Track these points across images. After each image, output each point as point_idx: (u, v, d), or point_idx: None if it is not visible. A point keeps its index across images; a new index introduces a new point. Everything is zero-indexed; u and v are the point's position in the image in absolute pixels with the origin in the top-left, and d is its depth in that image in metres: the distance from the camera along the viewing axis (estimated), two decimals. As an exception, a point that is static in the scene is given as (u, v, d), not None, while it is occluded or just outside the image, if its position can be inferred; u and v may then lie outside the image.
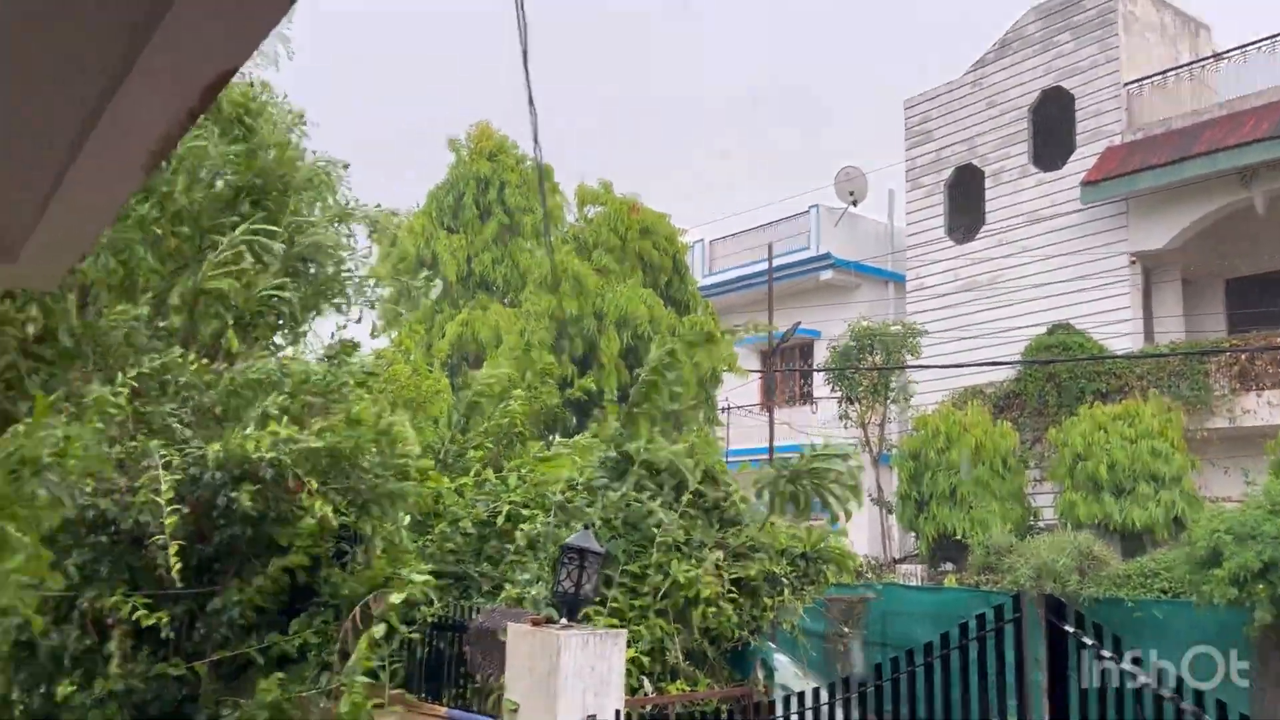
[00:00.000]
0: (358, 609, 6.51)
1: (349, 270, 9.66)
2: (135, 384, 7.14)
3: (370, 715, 6.14)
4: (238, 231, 7.85)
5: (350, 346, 8.90)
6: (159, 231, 7.77)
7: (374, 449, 6.96)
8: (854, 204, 26.70)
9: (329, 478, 6.86)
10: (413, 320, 24.11)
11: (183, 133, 2.66)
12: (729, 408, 23.78)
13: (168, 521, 6.28)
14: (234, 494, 6.41)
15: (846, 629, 10.90)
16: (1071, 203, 20.50)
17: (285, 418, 6.92)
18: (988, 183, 22.59)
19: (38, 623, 4.07)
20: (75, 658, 6.68)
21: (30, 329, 7.17)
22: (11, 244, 3.56)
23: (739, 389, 23.78)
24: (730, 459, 11.50)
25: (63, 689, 6.49)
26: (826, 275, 25.65)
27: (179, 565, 6.21)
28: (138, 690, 6.57)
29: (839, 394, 21.80)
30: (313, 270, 8.96)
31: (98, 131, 2.75)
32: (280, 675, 6.30)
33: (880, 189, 27.82)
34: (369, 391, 8.15)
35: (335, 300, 9.26)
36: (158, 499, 6.33)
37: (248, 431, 6.68)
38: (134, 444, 6.79)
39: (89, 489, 6.48)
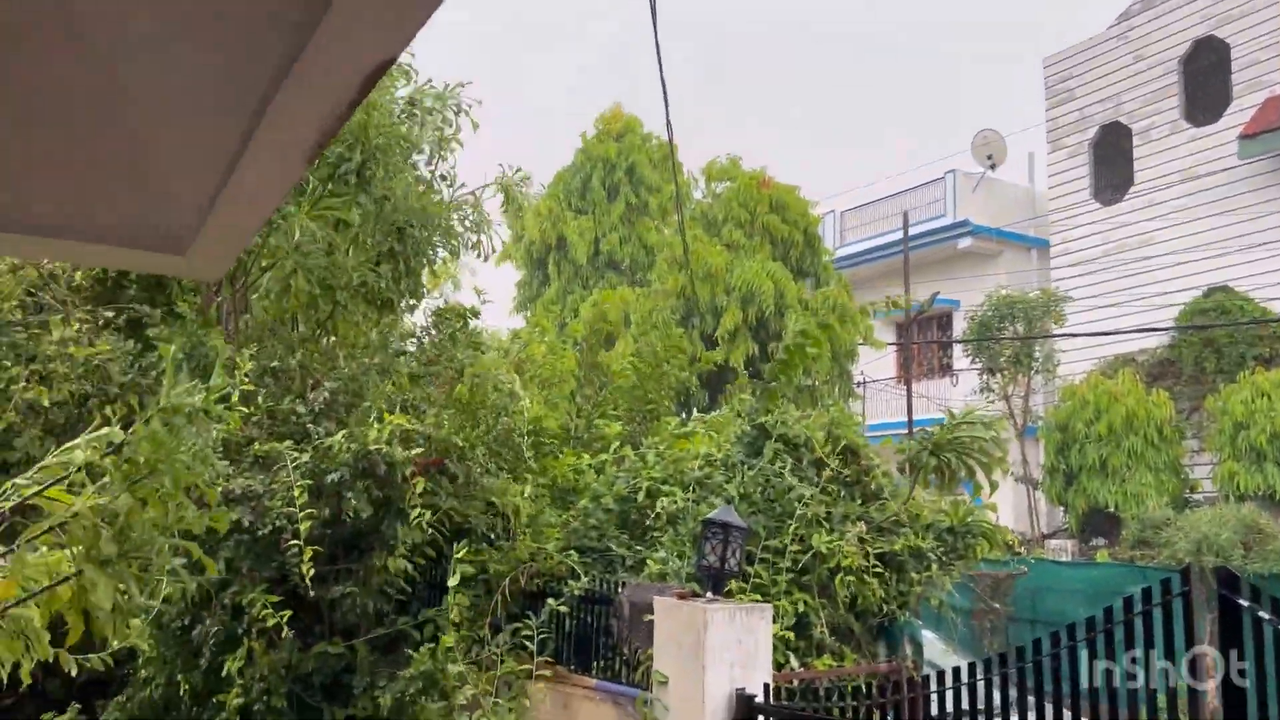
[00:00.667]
0: (505, 583, 6.70)
1: (462, 234, 9.67)
2: (254, 381, 7.37)
3: (522, 686, 6.31)
4: (304, 211, 7.89)
5: (461, 312, 8.99)
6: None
7: (480, 434, 7.03)
8: (992, 168, 25.83)
9: (443, 466, 7.00)
10: (545, 301, 24.51)
11: (341, 124, 2.77)
12: (865, 382, 23.41)
13: (302, 527, 6.52)
14: (349, 493, 6.62)
15: (995, 604, 10.63)
16: (1228, 158, 19.35)
17: (399, 406, 7.09)
18: (1136, 141, 21.53)
19: (211, 566, 4.26)
20: (232, 639, 7.06)
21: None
22: (181, 239, 3.76)
23: (875, 362, 23.36)
24: (869, 434, 11.32)
25: (230, 664, 6.87)
26: (965, 243, 24.90)
27: (311, 571, 6.43)
28: (299, 664, 6.90)
29: (980, 365, 21.20)
30: (415, 237, 8.94)
31: (262, 127, 2.88)
32: (433, 646, 6.52)
33: (1019, 152, 26.85)
34: (479, 354, 8.23)
35: (437, 267, 9.28)
36: (292, 508, 6.56)
37: (370, 422, 6.88)
38: (265, 448, 7.01)
39: (221, 487, 6.77)
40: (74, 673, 4.52)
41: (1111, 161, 22.14)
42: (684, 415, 9.77)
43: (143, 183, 3.54)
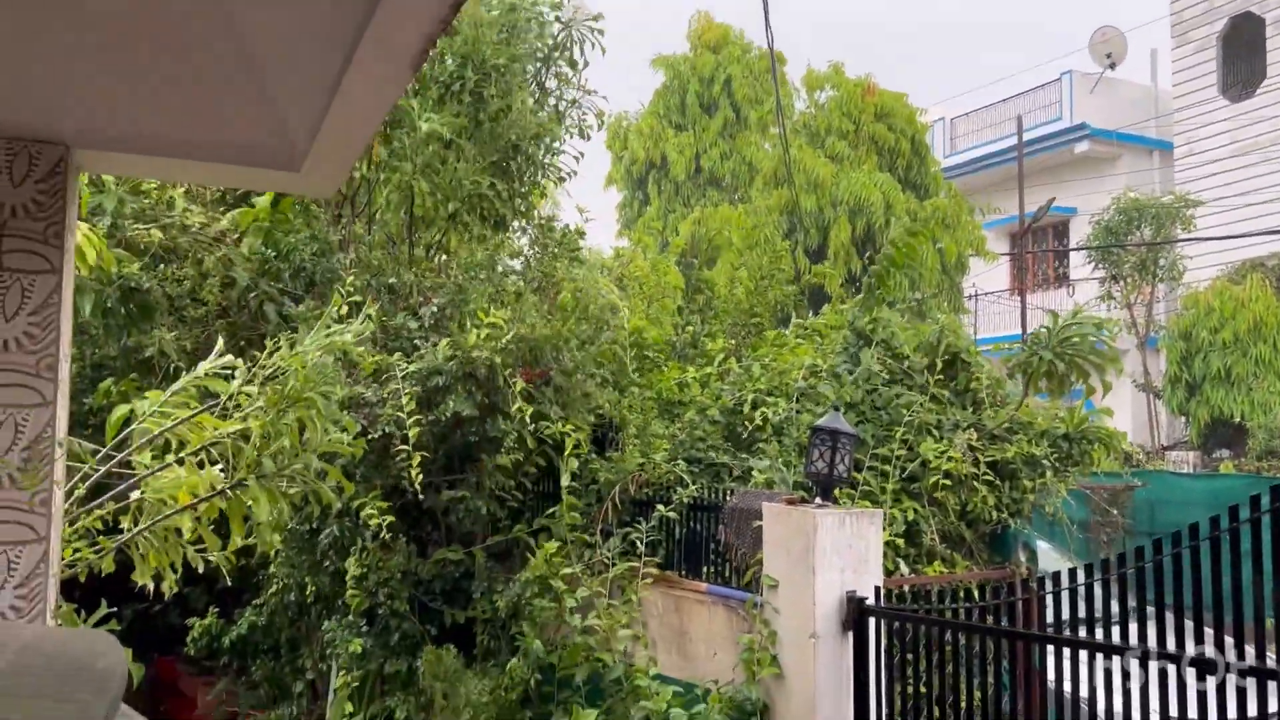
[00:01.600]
0: (615, 491, 6.84)
1: (564, 151, 9.70)
2: (376, 299, 7.64)
3: (635, 589, 6.47)
4: (420, 131, 7.97)
5: (565, 230, 9.05)
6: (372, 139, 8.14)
7: (572, 331, 7.08)
8: (1111, 67, 24.59)
9: (534, 368, 7.09)
10: (646, 220, 24.44)
11: (444, 28, 2.79)
12: (976, 294, 22.84)
13: (411, 433, 6.72)
14: (451, 397, 6.78)
15: (1113, 514, 10.41)
16: (1373, 45, 18.06)
17: (504, 311, 7.20)
18: (1269, 31, 20.20)
19: (349, 486, 4.47)
20: (357, 545, 7.39)
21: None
22: (295, 154, 3.86)
23: (987, 274, 22.75)
24: (981, 347, 11.09)
25: (353, 569, 7.21)
26: (1082, 147, 23.87)
27: (419, 475, 6.64)
28: (419, 570, 7.20)
29: (1100, 274, 20.46)
30: (526, 154, 9.01)
31: (367, 36, 2.92)
32: (550, 553, 6.72)
33: (1140, 49, 25.48)
34: (581, 266, 8.29)
35: (544, 188, 9.37)
36: (400, 413, 6.79)
37: (470, 328, 7.02)
38: (377, 358, 7.27)
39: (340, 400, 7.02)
40: (226, 581, 4.80)
41: (1241, 55, 20.86)
42: (787, 330, 9.71)
43: (254, 100, 3.63)
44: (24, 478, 3.48)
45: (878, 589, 5.33)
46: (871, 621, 5.24)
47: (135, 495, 4.12)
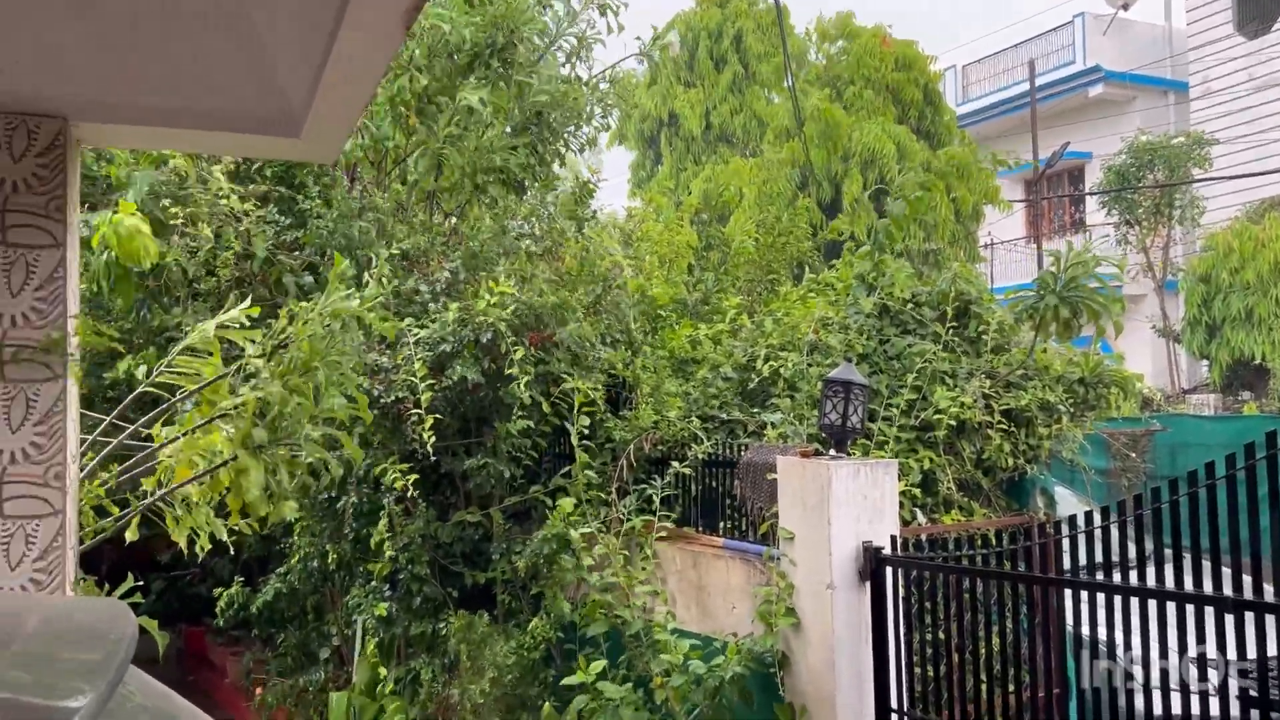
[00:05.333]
0: (630, 450, 6.85)
1: (586, 116, 9.77)
2: (390, 265, 7.68)
3: (652, 545, 6.50)
4: (457, 101, 8.01)
5: (590, 190, 9.06)
6: (404, 109, 8.15)
7: (579, 297, 7.10)
8: (1124, 8, 24.17)
9: (538, 331, 7.11)
10: (659, 179, 24.30)
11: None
12: (992, 243, 22.67)
13: (423, 398, 6.77)
14: (458, 363, 6.81)
15: (1133, 458, 10.37)
16: (1393, -25, 17.65)
17: (511, 278, 7.22)
18: (1287, -37, 19.80)
19: (358, 454, 4.48)
20: (374, 510, 7.44)
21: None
22: (294, 119, 3.84)
23: (1002, 223, 22.55)
24: (999, 295, 11.02)
25: (376, 536, 7.27)
26: (1096, 90, 23.54)
27: (432, 438, 6.70)
28: (439, 533, 7.25)
29: (1116, 218, 20.24)
30: (551, 121, 9.09)
31: (357, -5, 2.90)
32: (566, 512, 6.75)
33: (1154, -13, 25.01)
34: (589, 229, 8.30)
35: (568, 150, 9.42)
36: (413, 377, 6.83)
37: (482, 294, 7.05)
38: (391, 324, 7.31)
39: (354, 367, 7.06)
40: (246, 548, 4.82)
41: (1259, -11, 20.46)
42: (800, 284, 9.68)
43: (250, 65, 3.60)
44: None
45: (894, 538, 5.33)
46: (888, 570, 5.24)
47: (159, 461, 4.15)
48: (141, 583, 4.44)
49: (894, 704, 5.20)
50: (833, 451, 5.56)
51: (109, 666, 1.71)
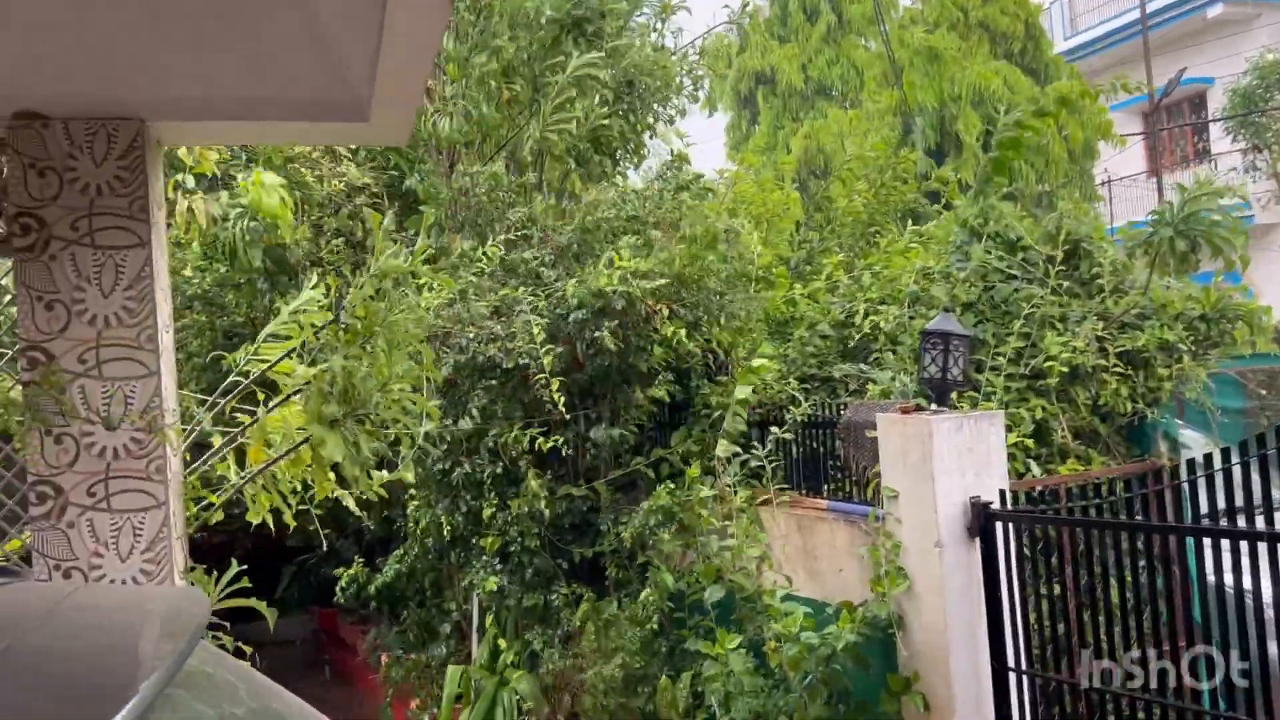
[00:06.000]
0: (730, 416, 6.75)
1: (676, 86, 9.74)
2: (504, 238, 7.78)
3: (756, 513, 6.40)
4: (567, 72, 8.06)
5: (682, 158, 8.98)
6: (494, 84, 8.17)
7: (714, 261, 7.05)
8: (1243, -82, 22.67)
9: (679, 300, 7.09)
10: (756, 139, 23.93)
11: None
12: (1109, 180, 21.67)
13: (545, 361, 6.81)
14: (596, 332, 6.80)
15: (1265, 396, 9.77)
16: None
17: (629, 250, 7.21)
18: None
19: (434, 412, 4.50)
20: (489, 483, 7.53)
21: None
22: (361, 102, 3.85)
23: (1118, 158, 21.50)
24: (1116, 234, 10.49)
25: (486, 510, 7.36)
26: (1215, 10, 22.15)
27: (562, 399, 6.76)
28: (548, 508, 7.31)
29: (1243, 144, 19.09)
30: (640, 89, 9.06)
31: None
32: (670, 485, 6.71)
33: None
34: (703, 201, 8.24)
35: (662, 117, 9.38)
36: (533, 343, 6.89)
37: (600, 267, 7.04)
38: (504, 292, 7.39)
39: (472, 336, 7.17)
40: (368, 530, 4.88)
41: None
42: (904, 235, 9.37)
43: (313, 51, 3.61)
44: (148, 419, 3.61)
45: (1002, 492, 5.12)
46: (998, 526, 5.04)
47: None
48: (245, 566, 4.55)
49: (1011, 663, 5.01)
50: (934, 406, 5.37)
51: (177, 642, 1.74)
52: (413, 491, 7.95)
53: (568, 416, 6.94)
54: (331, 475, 4.11)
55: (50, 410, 3.53)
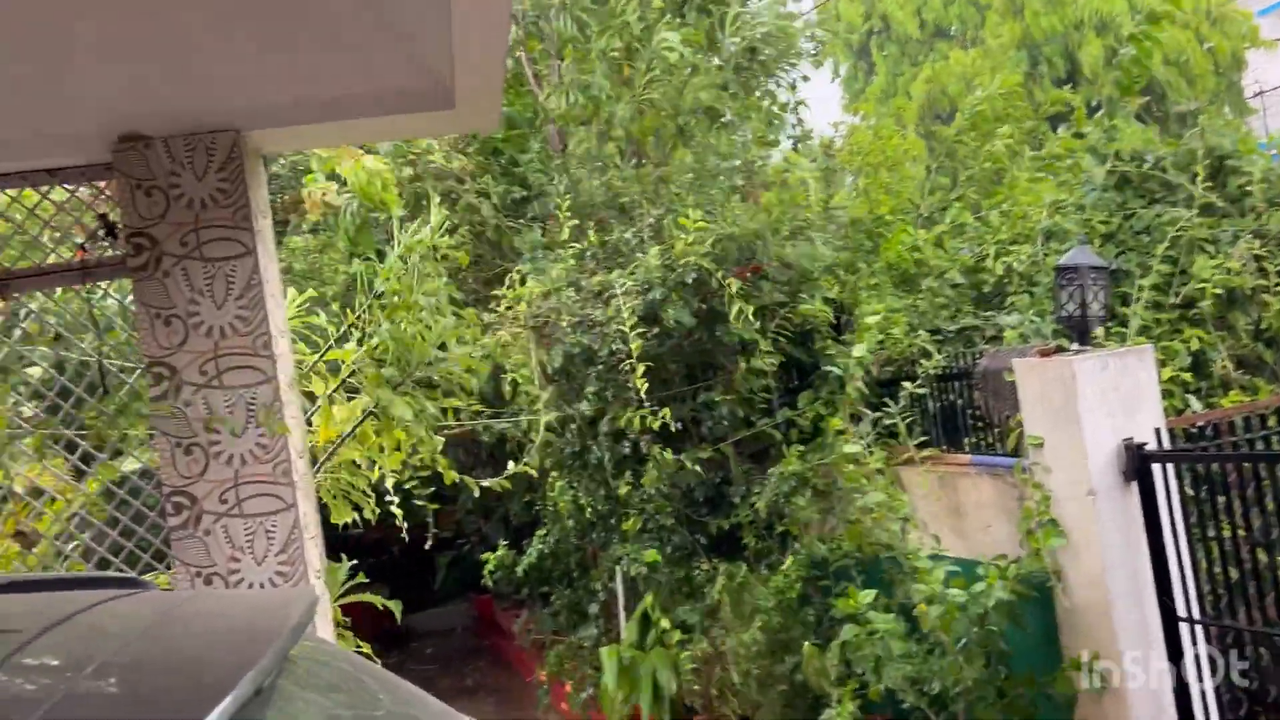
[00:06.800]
0: (859, 374, 6.50)
1: (798, 53, 9.51)
2: (597, 221, 7.69)
3: (895, 473, 6.17)
4: (659, 42, 7.89)
5: (780, 113, 8.72)
6: (615, 55, 8.09)
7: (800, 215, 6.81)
8: None
9: (760, 270, 6.86)
10: (874, 90, 23.25)
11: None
12: (1262, 91, 20.21)
13: (633, 346, 6.70)
14: (670, 308, 6.66)
15: None
16: None
17: (699, 213, 7.03)
18: None
19: (482, 367, 4.53)
20: (616, 463, 7.49)
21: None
22: (445, 89, 3.81)
23: (1269, 66, 20.00)
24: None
25: (622, 488, 7.32)
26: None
27: (645, 385, 6.62)
28: (681, 482, 7.22)
29: None
30: (762, 56, 8.85)
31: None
32: (800, 448, 6.53)
33: None
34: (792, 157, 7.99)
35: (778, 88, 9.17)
36: (623, 327, 6.78)
37: (678, 234, 6.89)
38: (599, 277, 7.29)
39: (565, 325, 7.12)
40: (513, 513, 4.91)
41: None
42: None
43: (393, 41, 3.59)
44: (269, 423, 3.69)
45: (1158, 431, 4.77)
46: (1156, 468, 4.70)
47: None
48: (365, 559, 4.64)
49: (1182, 612, 4.67)
50: (1075, 346, 5.04)
51: (276, 642, 1.73)
52: (554, 475, 7.99)
53: (653, 406, 6.80)
54: (445, 461, 4.17)
55: (176, 422, 3.63)
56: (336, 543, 4.31)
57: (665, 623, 7.47)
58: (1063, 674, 4.97)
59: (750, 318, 6.54)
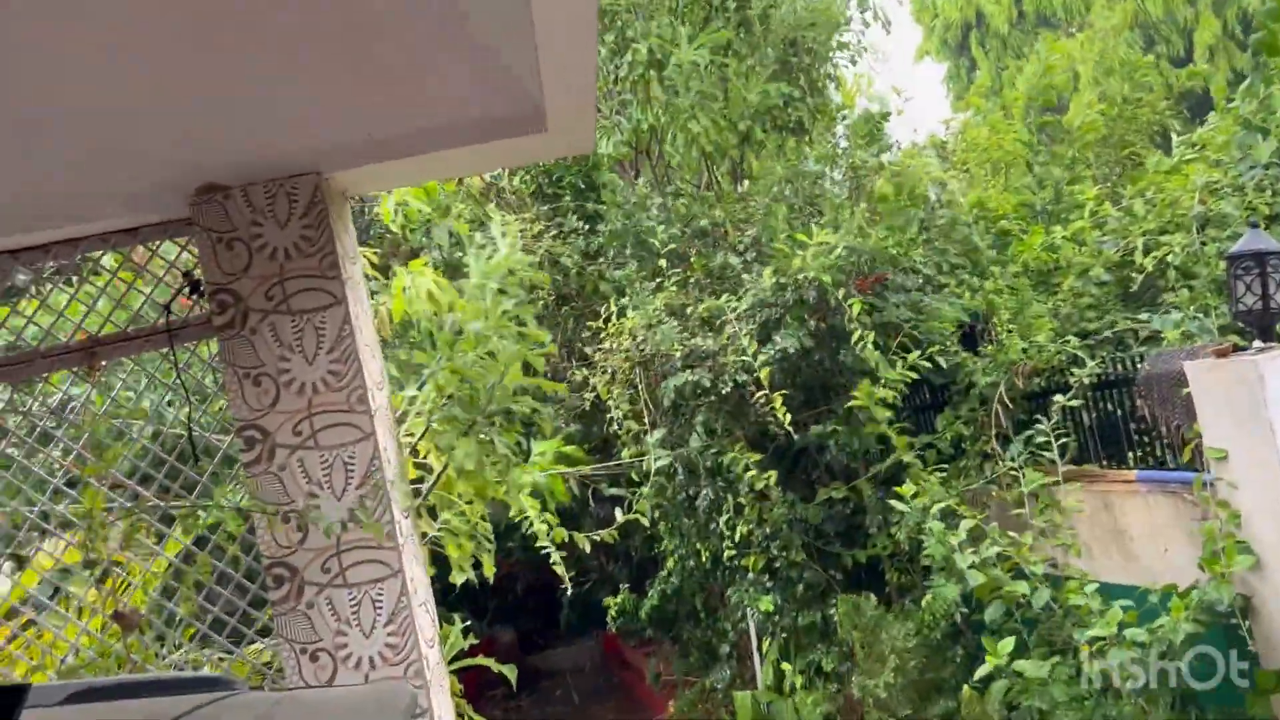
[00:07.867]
0: (1000, 390, 5.95)
1: (845, 20, 9.04)
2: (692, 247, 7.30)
3: (1050, 495, 5.60)
4: (682, 54, 7.49)
5: (883, 115, 8.23)
6: (641, 79, 7.77)
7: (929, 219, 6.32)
8: None
9: (883, 281, 6.37)
10: (979, 86, 22.44)
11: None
12: None
13: (762, 375, 6.27)
14: (783, 330, 6.22)
15: None
16: None
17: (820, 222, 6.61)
18: None
19: (554, 386, 4.27)
20: (734, 503, 7.06)
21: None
22: (537, 111, 3.49)
23: None
24: None
25: (741, 528, 6.88)
26: None
27: (787, 414, 6.19)
28: (807, 516, 6.75)
29: None
30: (805, 44, 8.37)
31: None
32: (940, 473, 6.00)
33: None
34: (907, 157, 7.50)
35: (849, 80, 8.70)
36: (745, 356, 6.36)
37: (793, 249, 6.46)
38: (706, 306, 6.88)
39: (676, 357, 6.72)
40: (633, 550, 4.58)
41: None
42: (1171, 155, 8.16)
43: (478, 64, 3.27)
44: (366, 525, 3.41)
45: (1372, 435, 4.15)
46: (1369, 479, 4.08)
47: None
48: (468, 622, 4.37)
49: None
50: (1257, 343, 4.44)
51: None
52: (661, 525, 7.63)
53: (795, 436, 6.35)
54: (552, 519, 3.88)
55: (271, 488, 3.40)
56: (460, 585, 4.07)
57: (786, 666, 7.00)
58: (1263, 697, 4.36)
59: (872, 345, 6.06)
